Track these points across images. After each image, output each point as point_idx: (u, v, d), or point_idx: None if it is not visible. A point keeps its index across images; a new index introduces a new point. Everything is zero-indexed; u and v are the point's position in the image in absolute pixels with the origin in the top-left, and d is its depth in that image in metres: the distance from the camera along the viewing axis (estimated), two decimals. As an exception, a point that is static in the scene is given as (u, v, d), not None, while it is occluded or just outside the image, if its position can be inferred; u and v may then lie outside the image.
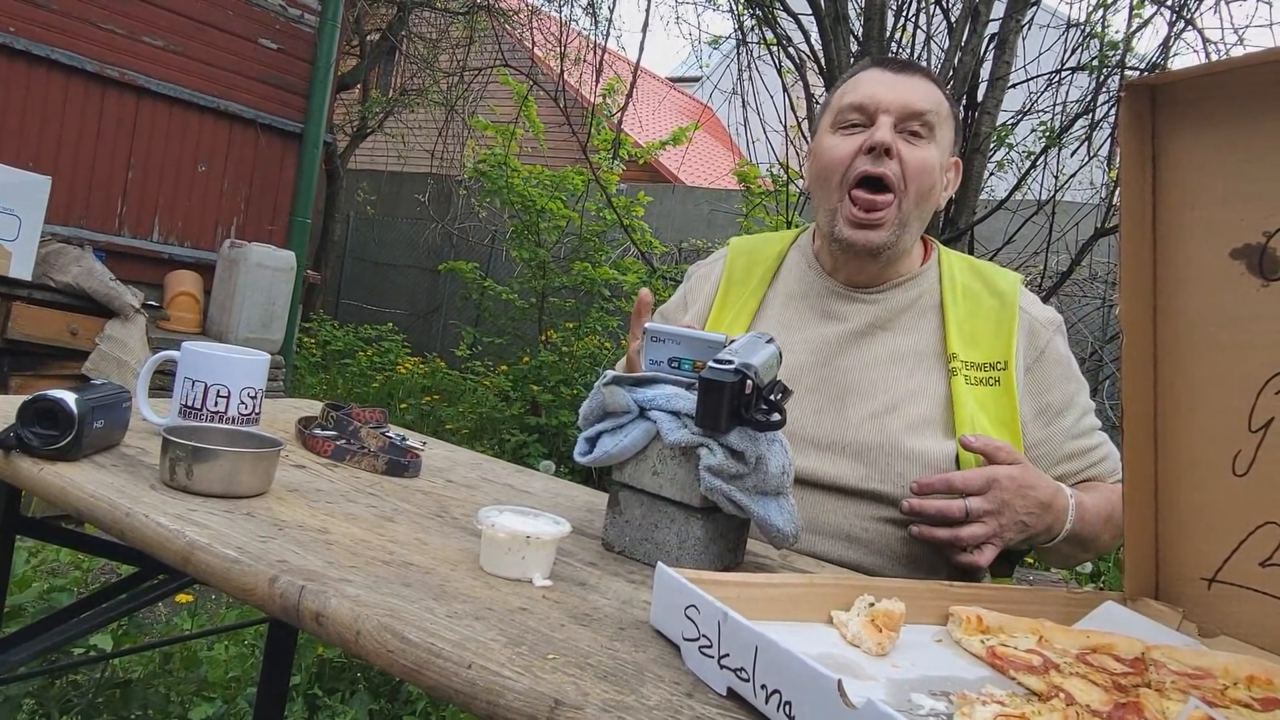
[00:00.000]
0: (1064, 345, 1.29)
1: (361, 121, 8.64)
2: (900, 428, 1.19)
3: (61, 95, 4.13)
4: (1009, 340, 1.24)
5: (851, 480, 1.17)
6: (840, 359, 1.26)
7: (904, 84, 1.24)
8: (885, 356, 1.25)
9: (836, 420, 1.21)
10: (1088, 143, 3.65)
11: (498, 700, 0.58)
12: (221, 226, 4.77)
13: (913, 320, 1.28)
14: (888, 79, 1.24)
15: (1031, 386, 1.24)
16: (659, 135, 6.54)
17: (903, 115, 1.22)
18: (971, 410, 1.19)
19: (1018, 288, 1.29)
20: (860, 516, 1.17)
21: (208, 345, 1.14)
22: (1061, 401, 1.25)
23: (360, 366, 6.88)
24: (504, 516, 0.83)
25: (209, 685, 1.99)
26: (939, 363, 1.24)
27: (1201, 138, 0.82)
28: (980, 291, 1.28)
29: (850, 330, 1.28)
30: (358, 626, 0.65)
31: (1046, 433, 1.24)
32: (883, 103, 1.22)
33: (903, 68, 1.27)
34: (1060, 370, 1.26)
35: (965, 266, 1.33)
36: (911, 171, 1.21)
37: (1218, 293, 0.81)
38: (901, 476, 1.16)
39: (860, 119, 1.24)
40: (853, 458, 1.19)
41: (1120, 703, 0.66)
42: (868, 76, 1.26)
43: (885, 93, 1.23)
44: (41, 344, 3.41)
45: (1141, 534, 0.88)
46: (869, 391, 1.23)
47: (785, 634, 0.59)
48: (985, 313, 1.26)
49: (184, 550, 0.77)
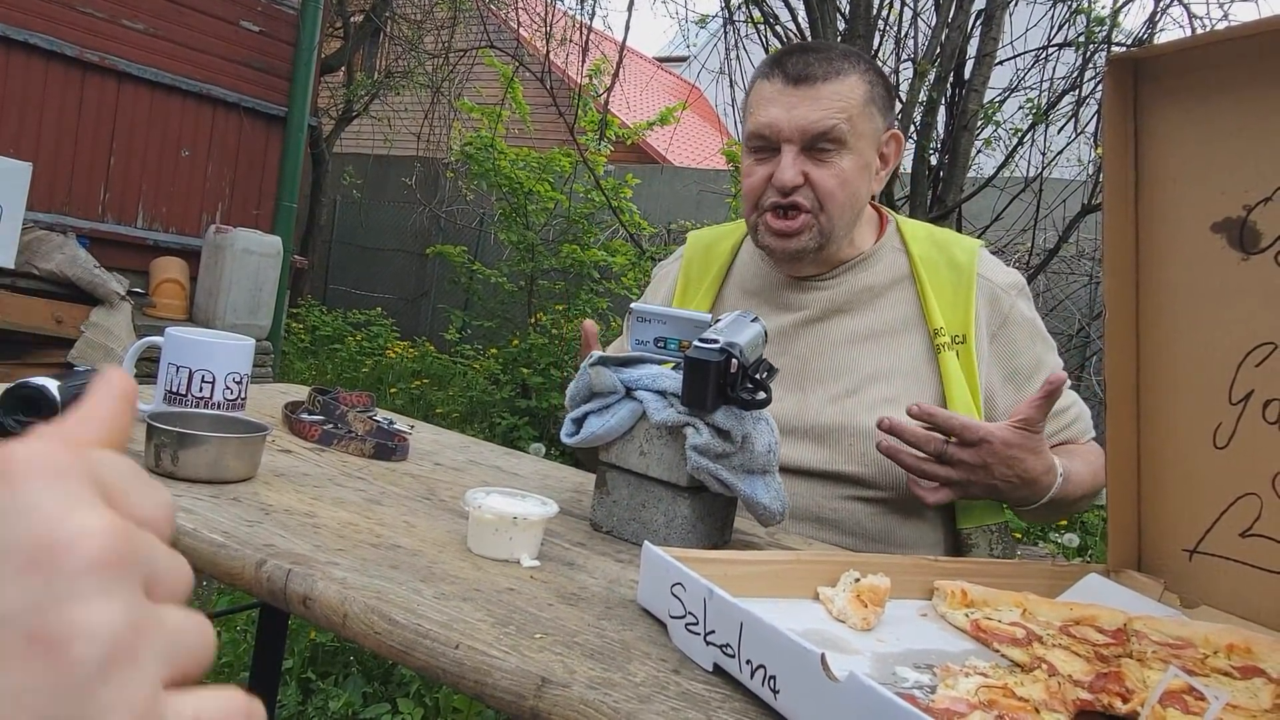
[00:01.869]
0: (1028, 307, 1.29)
1: (346, 105, 8.56)
2: (860, 408, 1.20)
3: (41, 80, 4.08)
4: (966, 313, 1.24)
5: (815, 463, 1.19)
6: (796, 345, 1.26)
7: (803, 101, 1.18)
8: (844, 339, 1.26)
9: (797, 405, 1.22)
10: (1075, 119, 3.65)
11: (485, 679, 0.58)
12: (206, 212, 4.73)
13: (872, 299, 1.28)
14: (786, 97, 1.19)
15: (999, 352, 1.25)
16: (646, 116, 6.51)
17: (805, 139, 1.19)
18: (953, 375, 1.20)
19: (976, 255, 1.28)
20: (827, 497, 1.18)
21: (192, 330, 1.13)
22: (1031, 365, 1.26)
23: (349, 352, 6.85)
24: (491, 498, 0.83)
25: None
26: (914, 335, 1.24)
27: (1184, 111, 0.82)
28: (938, 262, 1.28)
29: (806, 317, 1.28)
30: (345, 609, 0.65)
31: (1018, 396, 1.24)
32: (783, 130, 1.19)
33: (802, 76, 1.19)
34: (1026, 333, 1.27)
35: (924, 236, 1.32)
36: (824, 192, 1.20)
37: (1198, 266, 0.81)
38: (863, 456, 1.17)
39: (764, 144, 1.22)
40: (815, 441, 1.20)
41: (1102, 673, 0.67)
42: (768, 93, 1.21)
43: (784, 118, 1.18)
44: (26, 332, 3.39)
45: (1124, 507, 0.89)
46: (828, 376, 1.24)
47: (771, 610, 0.60)
48: (942, 285, 1.26)
49: (170, 537, 0.76)
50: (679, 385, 0.88)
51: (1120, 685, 0.65)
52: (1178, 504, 0.86)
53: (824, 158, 1.20)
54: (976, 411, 1.22)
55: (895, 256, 1.30)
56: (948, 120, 3.52)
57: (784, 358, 1.25)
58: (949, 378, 1.21)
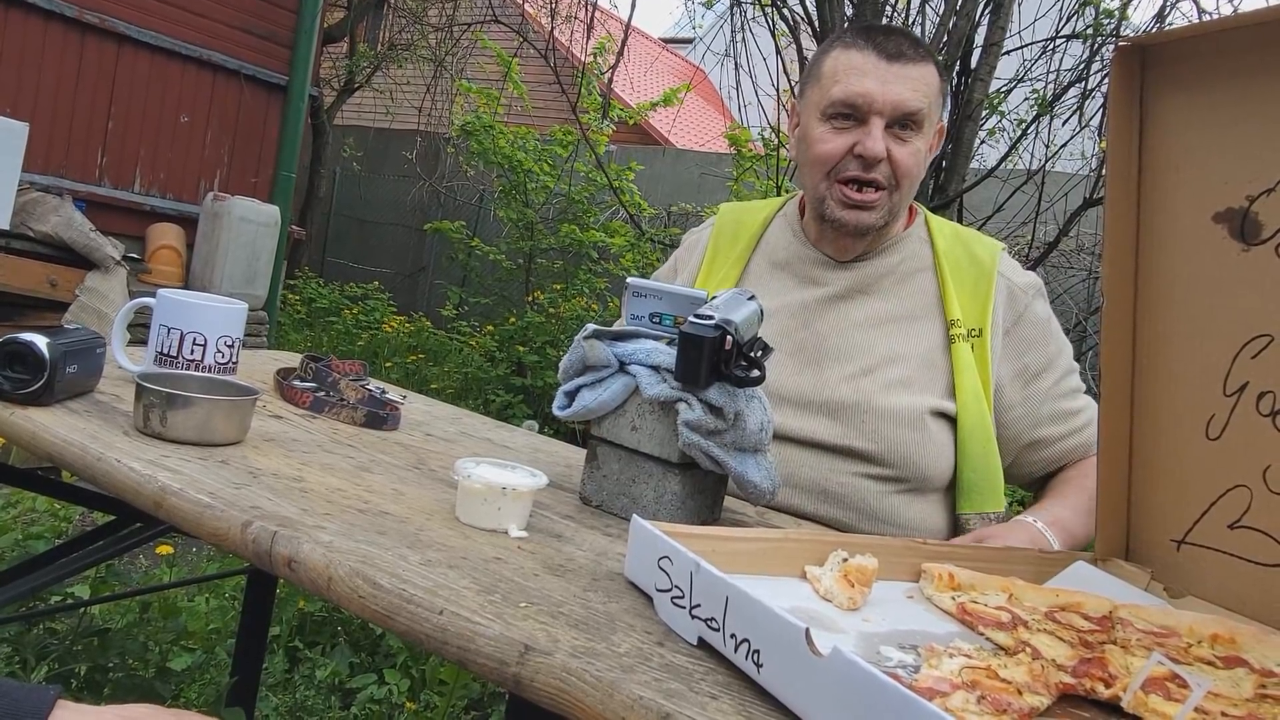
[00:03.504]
0: (1044, 308, 1.31)
1: (348, 76, 8.49)
2: (875, 388, 1.22)
3: (40, 41, 4.03)
4: (984, 308, 1.26)
5: (827, 437, 1.20)
6: (818, 323, 1.28)
7: (898, 77, 1.20)
8: (864, 320, 1.27)
9: (814, 380, 1.24)
10: (1080, 112, 3.63)
11: (468, 645, 0.58)
12: (205, 180, 4.70)
13: (895, 284, 1.30)
14: (881, 71, 1.20)
15: (1010, 349, 1.27)
16: (650, 96, 6.47)
17: (895, 116, 1.20)
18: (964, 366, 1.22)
19: (998, 255, 1.31)
20: (835, 471, 1.20)
21: (185, 293, 1.12)
22: (1040, 363, 1.28)
23: (345, 325, 6.83)
24: (481, 468, 0.83)
25: (188, 635, 2.00)
26: (931, 323, 1.27)
27: (1188, 100, 0.81)
28: (960, 257, 1.30)
29: (830, 294, 1.29)
30: (330, 572, 0.65)
31: (1025, 394, 1.27)
32: (875, 103, 1.19)
33: (897, 53, 1.21)
34: (1039, 332, 1.29)
35: (950, 232, 1.35)
36: (902, 171, 1.22)
37: (1198, 256, 0.81)
38: (875, 433, 1.19)
39: (851, 113, 1.22)
40: (829, 416, 1.22)
41: (1085, 658, 0.67)
42: (860, 64, 1.21)
43: (878, 90, 1.19)
44: (20, 294, 3.37)
45: (1114, 496, 0.89)
46: (846, 354, 1.25)
47: (758, 587, 0.60)
48: (963, 278, 1.28)
49: (156, 495, 0.76)
50: (673, 360, 0.87)
51: (1103, 670, 0.65)
52: (1168, 494, 0.85)
53: (904, 136, 1.22)
54: (986, 402, 1.24)
55: (920, 246, 1.32)
56: (952, 109, 3.51)
57: (804, 333, 1.27)
58: (960, 368, 1.23)
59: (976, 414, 1.23)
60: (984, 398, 1.23)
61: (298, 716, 1.92)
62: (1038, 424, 1.27)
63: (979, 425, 1.23)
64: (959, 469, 1.24)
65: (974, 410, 1.23)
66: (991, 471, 1.25)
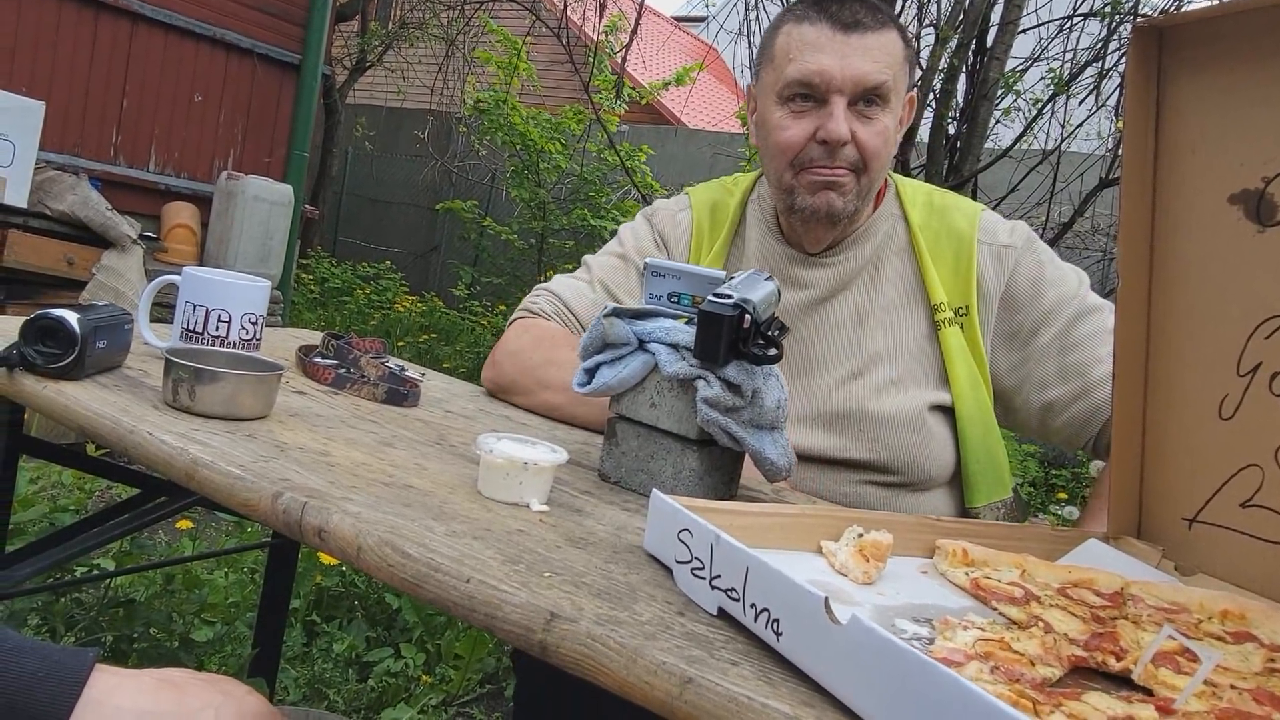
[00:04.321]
0: (1032, 260, 1.22)
1: (360, 54, 8.48)
2: (866, 393, 1.19)
3: (54, 19, 4.04)
4: (968, 282, 1.21)
5: (827, 450, 1.18)
6: (801, 328, 1.24)
7: (856, 49, 1.11)
8: (848, 318, 1.23)
9: (804, 392, 1.21)
10: (1096, 92, 3.61)
11: (495, 613, 0.60)
12: (218, 158, 4.72)
13: (874, 272, 1.24)
14: (838, 44, 1.11)
15: (1002, 315, 1.22)
16: (662, 75, 6.44)
17: (857, 92, 1.12)
18: (955, 351, 1.19)
19: (977, 222, 1.23)
20: (838, 482, 1.19)
21: (209, 270, 1.14)
22: (1035, 320, 1.20)
23: (358, 304, 6.87)
24: (502, 443, 0.84)
25: (210, 608, 2.04)
26: (916, 310, 1.22)
27: (1206, 81, 0.82)
28: (938, 231, 1.24)
29: (812, 298, 1.25)
30: (359, 542, 0.67)
31: (1023, 355, 1.21)
32: (834, 80, 1.11)
33: (853, 23, 1.12)
34: (1030, 288, 1.21)
35: (924, 201, 1.27)
36: (870, 152, 1.15)
37: (1214, 238, 0.81)
38: (875, 441, 1.17)
39: (809, 93, 1.14)
40: (825, 428, 1.19)
41: (1097, 632, 0.68)
42: (814, 38, 1.13)
43: (835, 66, 1.11)
44: (38, 273, 3.40)
45: (1126, 475, 0.90)
46: (833, 359, 1.22)
47: (775, 561, 0.61)
48: (942, 255, 1.22)
49: (188, 467, 0.78)
50: (691, 338, 0.89)
51: (1114, 644, 0.66)
52: (1180, 473, 0.86)
53: (870, 114, 1.14)
54: (984, 385, 1.20)
55: (894, 225, 1.26)
56: (968, 88, 3.49)
57: (787, 341, 1.24)
58: (950, 355, 1.20)
59: (973, 401, 1.20)
60: (981, 381, 1.20)
61: (316, 688, 1.96)
62: (1044, 385, 1.19)
63: (977, 412, 1.20)
64: (962, 460, 1.21)
65: (970, 398, 1.19)
66: (995, 458, 1.23)
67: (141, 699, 0.62)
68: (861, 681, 0.49)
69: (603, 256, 1.41)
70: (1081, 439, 1.21)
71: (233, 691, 0.66)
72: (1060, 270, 1.23)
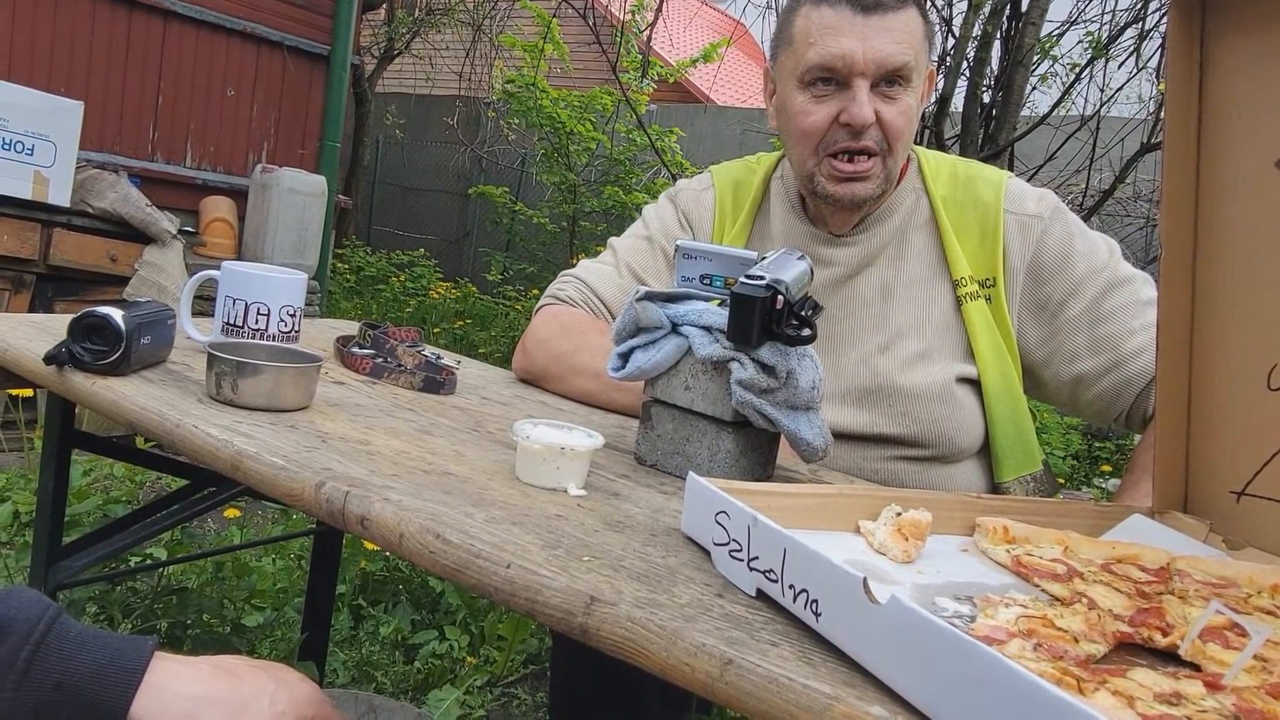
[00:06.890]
0: (1061, 229, 1.20)
1: (388, 43, 8.52)
2: (894, 367, 1.18)
3: (89, 20, 4.11)
4: (994, 254, 1.19)
5: (856, 426, 1.18)
6: (828, 306, 1.23)
7: (878, 30, 1.10)
8: (873, 293, 1.23)
9: (832, 368, 1.20)
10: (1136, 54, 3.51)
11: (536, 597, 0.60)
12: (252, 152, 4.77)
13: (898, 247, 1.24)
14: (859, 26, 1.10)
15: (1028, 286, 1.20)
16: (690, 53, 6.39)
17: (880, 74, 1.11)
18: (979, 326, 1.18)
19: (1001, 192, 1.21)
20: (868, 459, 1.19)
21: (247, 265, 1.16)
22: (1064, 291, 1.18)
23: (393, 292, 6.94)
24: (539, 429, 0.85)
25: (259, 594, 2.08)
26: (940, 284, 1.21)
27: (1251, 43, 0.79)
28: (962, 203, 1.22)
29: (838, 275, 1.25)
30: (401, 529, 0.68)
31: (1052, 328, 1.20)
32: (857, 63, 1.10)
33: (874, 4, 1.11)
34: (1058, 259, 1.19)
35: (948, 174, 1.26)
36: (894, 132, 1.14)
37: (1260, 203, 0.79)
38: (905, 415, 1.17)
39: (831, 77, 1.13)
40: (853, 404, 1.19)
41: (1143, 608, 0.67)
42: (834, 21, 1.11)
43: (858, 49, 1.10)
44: (82, 270, 3.48)
45: (1172, 448, 0.88)
46: (859, 334, 1.22)
47: (813, 541, 0.61)
48: (967, 227, 1.21)
49: (233, 459, 0.80)
50: (725, 321, 0.88)
51: (1161, 620, 0.65)
52: (1227, 446, 0.85)
53: (892, 94, 1.13)
54: (1011, 359, 1.19)
55: (917, 199, 1.25)
56: (1002, 55, 3.41)
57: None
58: (974, 330, 1.19)
59: (999, 374, 1.19)
60: (1007, 354, 1.18)
61: (364, 670, 2.00)
62: (1074, 358, 1.18)
63: (1003, 386, 1.19)
64: (990, 433, 1.21)
65: (995, 372, 1.18)
66: (1023, 431, 1.22)
67: (199, 685, 0.64)
68: (901, 661, 0.49)
69: (628, 239, 1.41)
70: (1113, 412, 1.20)
71: (285, 678, 0.68)
72: (1090, 240, 1.21)
